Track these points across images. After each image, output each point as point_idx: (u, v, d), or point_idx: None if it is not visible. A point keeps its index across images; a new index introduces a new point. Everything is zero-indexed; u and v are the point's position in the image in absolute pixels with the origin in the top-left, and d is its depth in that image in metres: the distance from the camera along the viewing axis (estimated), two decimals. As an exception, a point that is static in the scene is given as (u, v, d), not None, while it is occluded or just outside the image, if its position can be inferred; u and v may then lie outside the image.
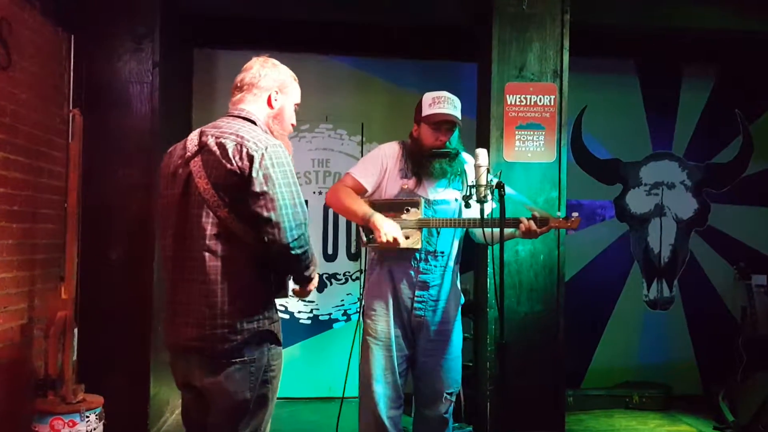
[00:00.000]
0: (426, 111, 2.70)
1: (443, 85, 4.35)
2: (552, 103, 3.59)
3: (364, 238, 2.72)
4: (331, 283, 4.58)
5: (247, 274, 1.87)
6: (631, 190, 4.79)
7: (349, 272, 4.60)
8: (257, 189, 1.79)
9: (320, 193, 4.54)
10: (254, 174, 1.80)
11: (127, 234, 3.39)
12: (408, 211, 2.66)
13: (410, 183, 2.71)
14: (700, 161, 4.83)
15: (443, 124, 2.67)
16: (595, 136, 4.73)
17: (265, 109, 2.04)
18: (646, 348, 4.77)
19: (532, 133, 3.58)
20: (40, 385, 3.02)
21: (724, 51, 4.56)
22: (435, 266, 2.70)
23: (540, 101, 3.58)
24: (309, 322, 4.55)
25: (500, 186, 2.40)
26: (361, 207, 2.64)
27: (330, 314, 4.58)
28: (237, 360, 1.86)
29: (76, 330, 3.11)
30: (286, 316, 4.48)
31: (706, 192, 4.84)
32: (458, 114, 2.69)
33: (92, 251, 3.35)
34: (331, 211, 4.55)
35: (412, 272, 2.69)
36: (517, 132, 3.58)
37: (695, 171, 4.83)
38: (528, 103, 3.58)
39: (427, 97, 2.73)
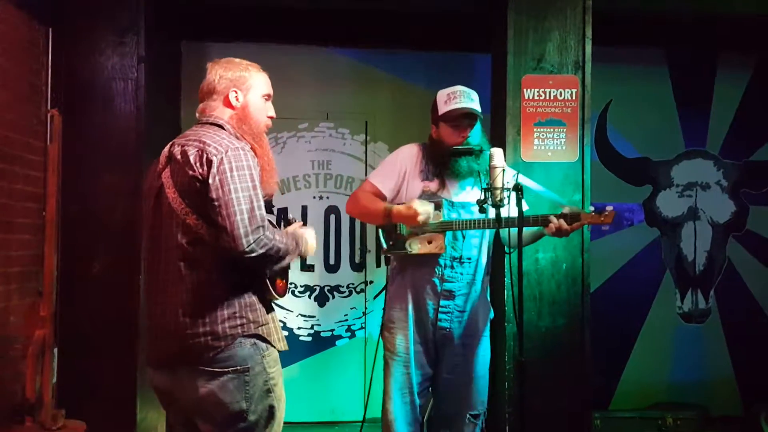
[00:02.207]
0: (443, 109, 2.73)
1: (454, 78, 4.34)
2: (574, 98, 3.59)
3: (384, 245, 2.74)
4: (333, 297, 4.59)
5: (224, 278, 1.97)
6: (662, 192, 4.78)
7: (353, 284, 4.60)
8: (213, 195, 1.90)
9: (321, 198, 4.55)
10: (211, 180, 1.90)
11: (110, 244, 3.40)
12: None
13: (432, 185, 2.74)
14: (737, 159, 4.82)
15: (463, 119, 2.69)
16: (621, 132, 4.73)
17: (227, 111, 2.13)
18: (680, 365, 4.74)
19: (552, 130, 3.58)
20: (16, 411, 3.03)
21: (763, 38, 4.55)
22: (461, 273, 2.72)
23: (560, 95, 3.59)
24: (309, 339, 4.55)
25: (518, 189, 2.41)
26: (379, 205, 2.69)
27: (332, 330, 4.58)
28: (230, 369, 1.95)
29: (55, 350, 3.13)
30: (285, 333, 4.46)
31: (744, 193, 4.82)
32: (478, 107, 2.71)
33: (73, 264, 3.36)
34: (332, 219, 4.56)
35: (437, 280, 2.71)
36: (535, 129, 3.58)
37: (732, 170, 4.82)
38: (547, 98, 3.58)
39: (442, 94, 2.76)
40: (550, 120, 3.58)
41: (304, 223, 4.46)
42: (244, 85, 2.14)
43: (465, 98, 2.71)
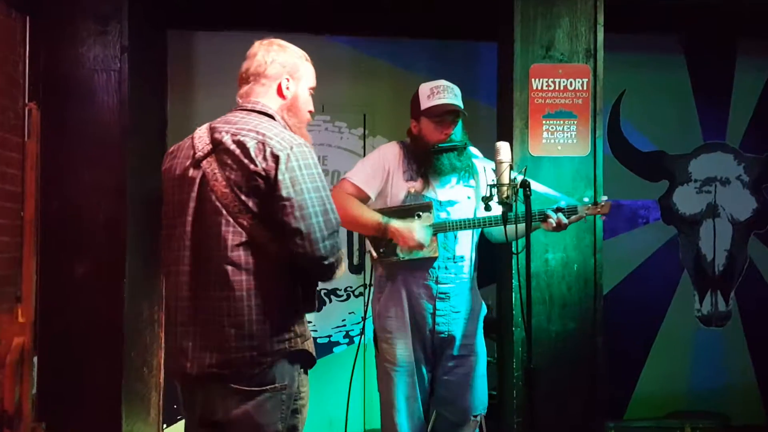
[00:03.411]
0: (425, 104, 2.77)
1: (458, 68, 4.37)
2: (585, 88, 3.58)
3: (375, 253, 2.76)
4: (330, 300, 4.58)
5: (277, 287, 1.89)
6: (679, 188, 4.78)
7: (351, 287, 4.60)
8: (283, 194, 1.82)
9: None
10: (281, 177, 1.82)
11: (94, 246, 3.40)
12: (419, 216, 2.71)
13: (417, 185, 2.77)
14: (759, 153, 4.82)
15: (446, 115, 2.72)
16: (635, 125, 4.72)
17: (277, 100, 2.06)
18: (699, 371, 4.74)
19: (561, 122, 3.57)
20: (-6, 423, 3.03)
21: (787, 23, 4.55)
22: (455, 273, 2.77)
23: (571, 85, 3.58)
24: (305, 345, 4.54)
25: (525, 185, 2.41)
26: (372, 215, 2.70)
27: (330, 336, 4.57)
28: (268, 387, 1.88)
29: (35, 359, 3.13)
30: (279, 339, 4.47)
31: (767, 188, 4.82)
32: (460, 103, 2.75)
33: (53, 267, 3.36)
34: (329, 217, 4.55)
35: (432, 283, 2.75)
36: (544, 121, 3.57)
37: (753, 164, 4.81)
38: (557, 88, 3.58)
39: (424, 88, 2.81)
40: (560, 112, 3.58)
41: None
42: (296, 74, 2.10)
43: (449, 94, 2.76)
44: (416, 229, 2.65)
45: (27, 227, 3.09)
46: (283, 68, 2.07)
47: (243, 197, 1.86)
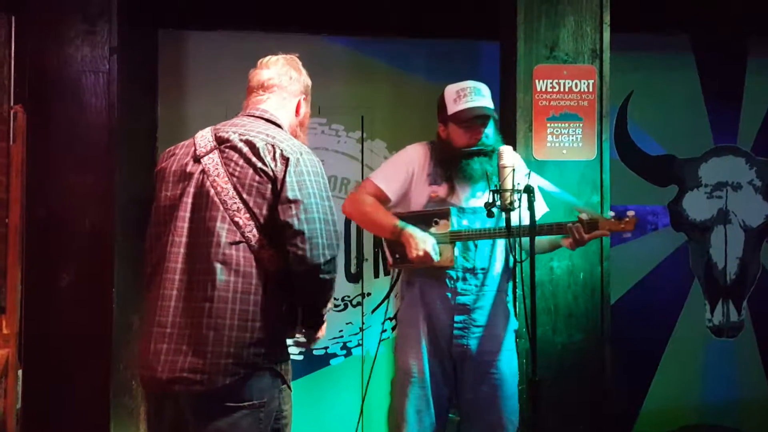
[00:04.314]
0: (452, 108, 2.76)
1: (458, 68, 4.38)
2: (590, 89, 3.60)
3: (390, 258, 2.77)
4: (326, 310, 4.58)
5: (265, 296, 1.89)
6: (689, 193, 4.79)
7: (348, 297, 4.60)
8: (290, 195, 1.84)
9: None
10: (288, 178, 1.85)
11: (81, 254, 3.40)
12: (437, 223, 2.72)
13: (441, 190, 2.77)
14: (771, 156, 4.84)
15: (475, 120, 2.71)
16: (643, 127, 4.74)
17: (291, 116, 2.13)
18: (711, 384, 4.74)
19: (567, 125, 3.59)
20: (-23, 439, 3.03)
21: (799, 22, 4.58)
22: (475, 286, 2.75)
23: (576, 87, 3.60)
24: (300, 357, 4.54)
25: (529, 191, 2.42)
26: (389, 219, 2.71)
27: (326, 348, 4.57)
28: (245, 404, 1.86)
29: (20, 372, 3.13)
30: (273, 351, 4.48)
31: (780, 193, 4.84)
32: (491, 103, 2.75)
33: (39, 276, 3.36)
34: (325, 223, 4.56)
35: (449, 294, 2.75)
36: (549, 124, 3.59)
37: (766, 168, 4.83)
38: (562, 90, 3.59)
39: (450, 91, 2.80)
40: (565, 114, 3.59)
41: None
42: (308, 95, 2.19)
43: (476, 96, 2.74)
44: (427, 241, 2.64)
45: (12, 235, 3.10)
46: (303, 87, 2.16)
47: (244, 195, 1.87)
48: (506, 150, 2.51)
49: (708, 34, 4.77)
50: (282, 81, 2.11)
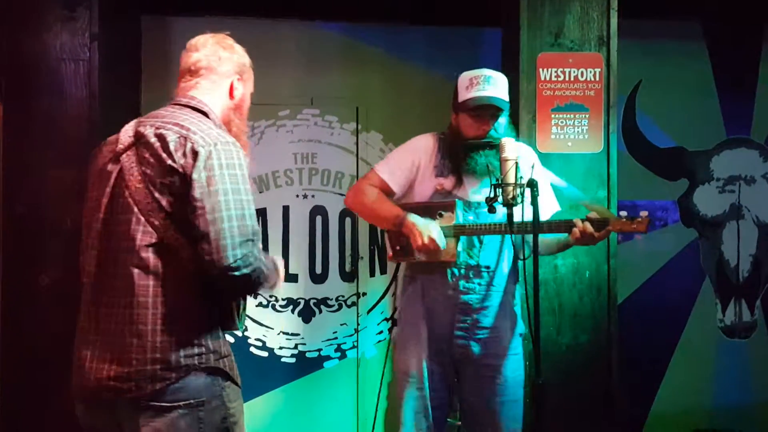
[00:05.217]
0: (463, 95, 2.77)
1: (459, 56, 4.37)
2: (597, 78, 3.59)
3: (391, 251, 2.77)
4: (320, 311, 4.58)
5: (186, 296, 1.89)
6: (700, 187, 4.79)
7: (342, 297, 4.60)
8: (196, 194, 1.82)
9: (305, 196, 4.54)
10: (195, 175, 1.83)
11: (61, 252, 3.38)
12: (441, 216, 2.73)
13: (447, 182, 2.78)
14: (786, 149, 4.84)
15: (484, 109, 2.71)
16: (652, 118, 4.73)
17: (224, 99, 2.10)
18: (722, 386, 4.75)
19: (572, 116, 3.58)
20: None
21: (815, 8, 4.57)
22: (480, 284, 2.76)
23: (582, 76, 3.59)
24: (293, 360, 4.54)
25: (532, 185, 2.42)
26: (392, 209, 2.74)
27: (319, 350, 4.57)
28: (181, 403, 1.86)
29: (-3, 374, 3.12)
30: (264, 353, 4.47)
31: (795, 188, 4.84)
32: (504, 94, 2.75)
33: (17, 275, 3.36)
34: (319, 221, 4.55)
35: (451, 291, 2.74)
36: (553, 115, 3.58)
37: (781, 161, 4.84)
38: (567, 79, 3.58)
39: (464, 78, 2.81)
40: (570, 104, 3.58)
41: (287, 228, 4.52)
42: (244, 76, 2.14)
43: (489, 85, 2.75)
44: (432, 229, 2.65)
45: (-12, 232, 3.09)
46: (236, 67, 2.11)
47: (157, 194, 1.86)
48: (508, 142, 2.51)
49: (720, 21, 4.77)
50: (211, 62, 2.07)
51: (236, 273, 1.81)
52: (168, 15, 4.46)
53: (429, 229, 2.64)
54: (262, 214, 4.46)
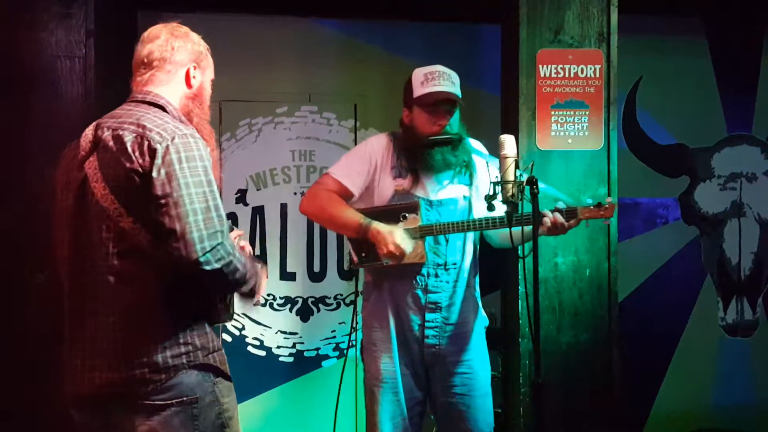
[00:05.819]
0: (418, 91, 2.77)
1: (458, 53, 4.36)
2: (597, 75, 3.59)
3: (355, 257, 2.76)
4: (318, 310, 4.58)
5: (168, 298, 1.89)
6: (701, 184, 4.79)
7: (341, 295, 4.60)
8: (158, 191, 1.80)
9: (303, 194, 4.51)
10: (155, 173, 1.81)
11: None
12: (405, 218, 2.72)
13: (405, 182, 2.78)
14: (788, 145, 4.85)
15: (441, 104, 2.72)
16: (653, 115, 4.74)
17: (181, 89, 2.08)
18: (724, 386, 4.76)
19: (572, 113, 3.58)
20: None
21: (817, 4, 4.57)
22: (446, 282, 2.76)
23: (582, 72, 3.59)
24: (291, 359, 4.54)
25: (532, 182, 2.42)
26: (353, 215, 2.71)
27: (318, 349, 4.57)
28: (174, 401, 1.87)
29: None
30: (261, 353, 4.48)
31: (797, 185, 4.85)
32: (458, 91, 2.74)
33: (9, 276, 3.35)
34: (317, 218, 4.56)
35: (420, 291, 2.75)
36: (553, 112, 3.58)
37: (782, 158, 4.84)
38: (567, 75, 3.58)
39: (418, 74, 2.81)
40: (571, 101, 3.58)
41: (284, 226, 4.51)
42: (202, 63, 2.12)
43: (445, 81, 2.76)
44: (396, 234, 2.64)
45: (-17, 231, 3.09)
46: (190, 55, 2.09)
47: (123, 198, 1.85)
48: (507, 139, 2.50)
49: (722, 16, 4.77)
50: (164, 53, 2.05)
51: (207, 267, 1.80)
52: (165, 11, 4.43)
53: (394, 236, 2.63)
54: (259, 211, 4.46)
